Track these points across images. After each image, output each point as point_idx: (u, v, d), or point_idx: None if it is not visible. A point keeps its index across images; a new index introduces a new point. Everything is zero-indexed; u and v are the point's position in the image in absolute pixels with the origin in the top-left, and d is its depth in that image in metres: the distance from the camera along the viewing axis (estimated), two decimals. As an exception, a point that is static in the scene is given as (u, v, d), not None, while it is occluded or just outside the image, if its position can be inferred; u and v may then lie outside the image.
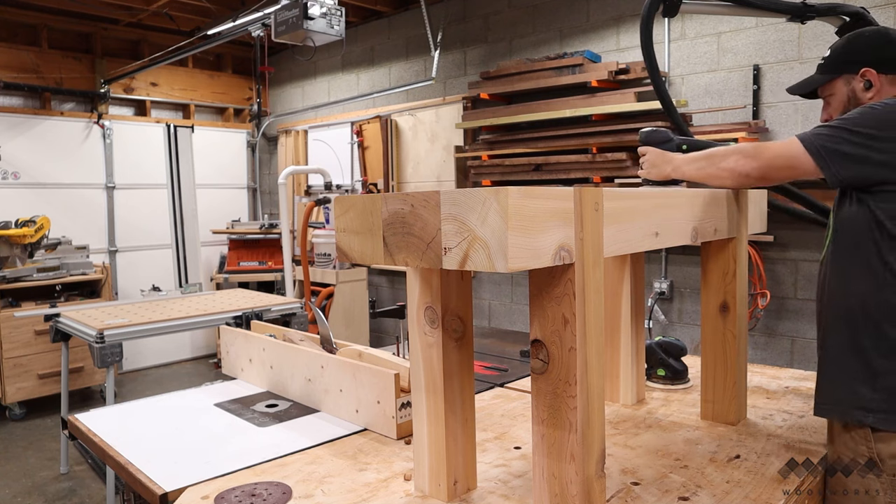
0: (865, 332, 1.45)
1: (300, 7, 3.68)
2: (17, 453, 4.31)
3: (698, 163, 1.59)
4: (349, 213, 1.17)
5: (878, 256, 1.43)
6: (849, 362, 1.48)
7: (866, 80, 1.59)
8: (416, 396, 1.31)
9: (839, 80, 1.64)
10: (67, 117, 6.07)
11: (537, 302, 1.11)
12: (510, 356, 2.48)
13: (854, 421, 1.45)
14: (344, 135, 6.33)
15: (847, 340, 1.48)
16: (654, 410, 1.82)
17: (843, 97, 1.65)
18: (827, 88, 1.67)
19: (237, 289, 4.92)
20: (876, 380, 1.43)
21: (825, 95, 1.69)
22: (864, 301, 1.45)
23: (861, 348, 1.45)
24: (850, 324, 1.48)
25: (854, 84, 1.61)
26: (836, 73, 1.64)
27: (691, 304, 4.14)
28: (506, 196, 0.93)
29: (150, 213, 6.46)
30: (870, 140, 1.40)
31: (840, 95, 1.65)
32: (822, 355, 1.57)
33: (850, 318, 1.47)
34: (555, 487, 1.12)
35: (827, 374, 1.54)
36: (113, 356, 3.22)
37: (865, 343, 1.45)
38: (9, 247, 4.90)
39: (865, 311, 1.45)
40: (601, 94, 4.22)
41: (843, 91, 1.64)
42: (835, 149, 1.42)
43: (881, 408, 1.42)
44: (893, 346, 1.42)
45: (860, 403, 1.44)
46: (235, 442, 1.63)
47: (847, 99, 1.63)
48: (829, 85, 1.67)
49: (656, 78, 2.32)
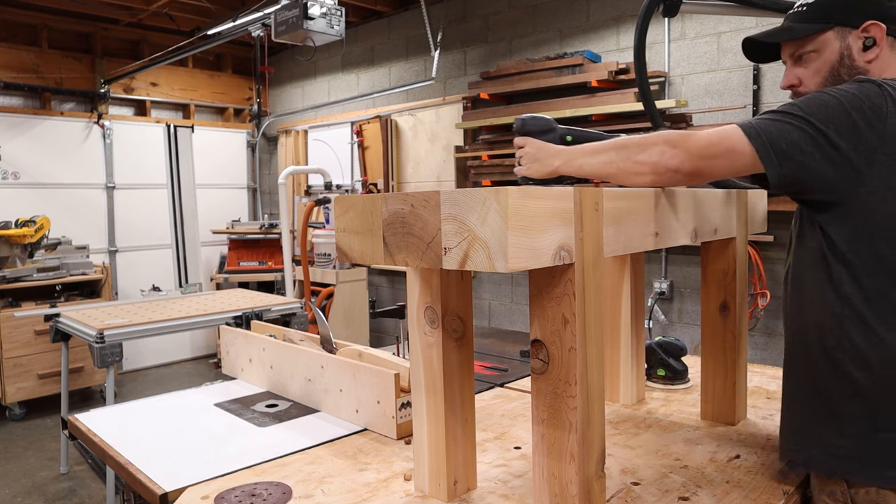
0: (826, 372, 1.22)
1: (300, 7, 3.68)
2: (17, 453, 4.31)
3: (604, 155, 1.26)
4: (349, 213, 1.17)
5: (833, 287, 1.19)
6: (811, 404, 1.26)
7: (869, 38, 1.24)
8: (416, 396, 1.31)
9: (830, 32, 1.27)
10: (67, 117, 6.07)
11: (537, 302, 1.11)
12: (510, 356, 2.48)
13: (824, 471, 1.25)
14: (344, 135, 6.33)
15: (807, 379, 1.27)
16: (654, 410, 1.82)
17: (833, 57, 1.28)
18: (809, 42, 1.29)
19: (237, 289, 4.92)
20: (840, 425, 1.21)
21: (805, 51, 1.31)
22: (822, 336, 1.22)
23: (822, 389, 1.23)
24: (809, 361, 1.26)
25: (851, 41, 1.26)
26: (828, 23, 1.27)
27: (691, 304, 4.14)
28: (506, 196, 0.93)
29: (150, 213, 6.46)
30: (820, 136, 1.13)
31: (829, 55, 1.28)
32: (784, 389, 1.35)
33: (809, 353, 1.25)
34: (555, 487, 1.12)
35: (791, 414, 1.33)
36: (113, 356, 3.22)
37: (827, 384, 1.22)
38: (9, 247, 4.90)
39: (824, 347, 1.22)
40: (601, 94, 4.22)
41: (833, 48, 1.27)
42: (780, 137, 1.14)
43: (852, 455, 1.20)
44: (858, 388, 1.18)
45: (829, 451, 1.22)
46: (235, 442, 1.63)
47: (837, 60, 1.27)
48: (812, 38, 1.29)
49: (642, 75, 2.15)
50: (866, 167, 1.12)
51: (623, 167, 1.24)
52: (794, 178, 1.16)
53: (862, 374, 1.17)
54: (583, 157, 1.30)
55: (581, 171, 1.31)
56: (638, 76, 2.15)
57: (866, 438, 1.18)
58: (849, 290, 1.17)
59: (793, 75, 1.35)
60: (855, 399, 1.18)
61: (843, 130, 1.12)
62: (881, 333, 1.16)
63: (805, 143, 1.13)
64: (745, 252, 1.71)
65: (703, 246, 1.70)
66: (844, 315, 1.18)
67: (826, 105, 1.14)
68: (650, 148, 1.21)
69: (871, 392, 1.17)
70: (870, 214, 1.14)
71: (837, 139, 1.12)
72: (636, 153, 1.22)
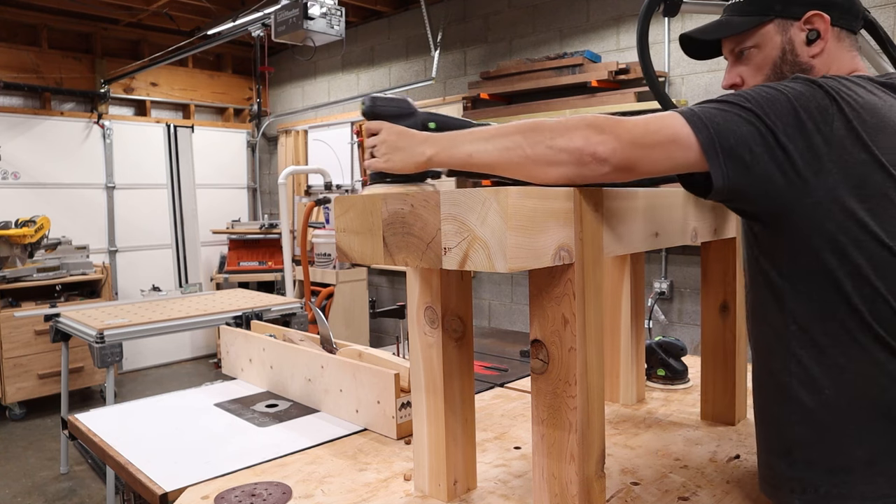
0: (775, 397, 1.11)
1: (300, 7, 3.68)
2: (17, 453, 4.31)
3: (505, 139, 1.03)
4: (349, 213, 1.17)
5: (777, 305, 1.08)
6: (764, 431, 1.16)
7: (812, 31, 1.14)
8: (416, 396, 1.31)
9: (770, 25, 1.17)
10: (67, 117, 6.07)
11: (537, 302, 1.11)
12: (510, 356, 2.48)
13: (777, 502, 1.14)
14: (344, 135, 6.33)
15: (760, 405, 1.17)
16: (654, 410, 1.82)
17: (774, 52, 1.17)
18: (749, 37, 1.19)
19: (237, 289, 4.92)
20: (791, 453, 1.09)
21: (745, 47, 1.20)
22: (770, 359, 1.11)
23: (771, 415, 1.13)
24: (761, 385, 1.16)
25: (793, 34, 1.16)
26: (767, 16, 1.16)
27: (691, 304, 4.14)
28: (506, 196, 0.93)
29: (150, 213, 6.46)
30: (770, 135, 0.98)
31: (769, 49, 1.17)
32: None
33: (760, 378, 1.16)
34: (555, 487, 1.12)
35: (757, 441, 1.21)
36: (113, 356, 3.22)
37: (774, 409, 1.11)
38: (9, 247, 4.90)
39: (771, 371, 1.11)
40: (601, 94, 4.22)
41: (775, 42, 1.17)
42: (729, 130, 0.99)
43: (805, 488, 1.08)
44: (806, 411, 1.06)
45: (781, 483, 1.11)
46: (235, 442, 1.63)
47: (779, 55, 1.17)
48: (752, 33, 1.18)
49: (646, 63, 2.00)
50: (813, 175, 0.98)
51: (532, 154, 1.01)
52: (738, 182, 1.00)
53: (811, 398, 1.06)
54: (471, 144, 1.06)
55: (468, 162, 1.07)
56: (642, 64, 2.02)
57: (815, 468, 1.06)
58: (793, 306, 1.06)
59: (735, 73, 1.23)
60: (804, 425, 1.07)
61: (791, 131, 0.98)
62: (831, 353, 1.04)
63: (754, 142, 0.98)
64: (745, 252, 1.71)
65: (703, 246, 1.70)
66: (792, 335, 1.06)
67: (774, 101, 1.00)
68: (571, 132, 0.99)
69: (821, 417, 1.05)
70: (816, 227, 1.01)
71: (786, 140, 0.98)
72: (551, 137, 1.00)
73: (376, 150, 1.18)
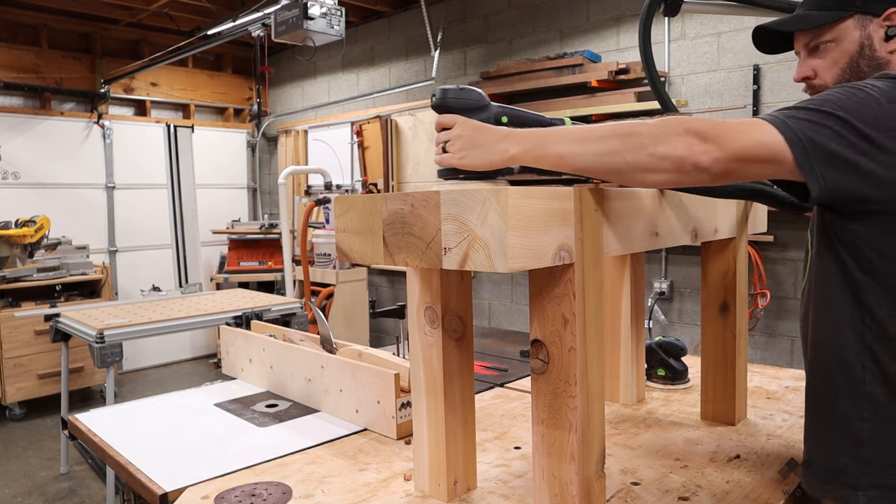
0: (845, 392, 1.11)
1: (300, 7, 3.68)
2: (17, 453, 4.31)
3: (601, 143, 1.02)
4: (349, 213, 1.17)
5: (854, 297, 1.09)
6: (828, 427, 1.16)
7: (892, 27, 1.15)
8: (416, 396, 1.31)
9: (850, 20, 1.17)
10: (67, 117, 6.07)
11: (537, 302, 1.11)
12: (510, 356, 2.48)
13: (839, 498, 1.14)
14: (344, 135, 6.33)
15: (825, 400, 1.17)
16: (654, 410, 1.82)
17: (853, 46, 1.17)
18: (827, 31, 1.19)
19: (237, 289, 4.92)
20: (860, 449, 1.10)
21: (822, 41, 1.21)
22: (841, 353, 1.11)
23: (840, 411, 1.13)
24: (827, 380, 1.15)
25: (872, 30, 1.16)
26: (847, 11, 1.17)
27: (691, 304, 4.14)
28: (506, 196, 0.93)
29: (150, 213, 6.46)
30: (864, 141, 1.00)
31: (847, 44, 1.17)
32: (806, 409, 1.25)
33: (827, 372, 1.15)
34: (555, 487, 1.12)
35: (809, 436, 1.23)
36: (113, 356, 3.22)
37: (844, 405, 1.11)
38: (9, 247, 4.90)
39: (842, 364, 1.11)
40: (601, 94, 4.22)
41: (853, 37, 1.17)
42: (822, 144, 1.00)
43: (871, 483, 1.09)
44: (877, 408, 1.07)
45: (845, 479, 1.11)
46: (235, 442, 1.63)
47: (857, 50, 1.17)
48: (831, 27, 1.19)
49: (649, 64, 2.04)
50: None
51: (632, 161, 1.00)
52: (835, 189, 1.01)
53: (886, 394, 1.07)
54: (562, 145, 1.04)
55: (559, 163, 1.05)
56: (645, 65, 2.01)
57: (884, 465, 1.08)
58: (872, 301, 1.07)
59: (807, 67, 1.23)
60: (875, 422, 1.08)
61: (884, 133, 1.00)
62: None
63: (849, 151, 1.00)
64: (745, 252, 1.71)
65: (703, 246, 1.70)
66: (868, 329, 1.07)
67: (865, 105, 1.01)
68: (672, 139, 0.99)
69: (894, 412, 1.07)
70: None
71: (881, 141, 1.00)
72: (652, 144, 0.99)
73: (450, 146, 1.12)
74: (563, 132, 1.06)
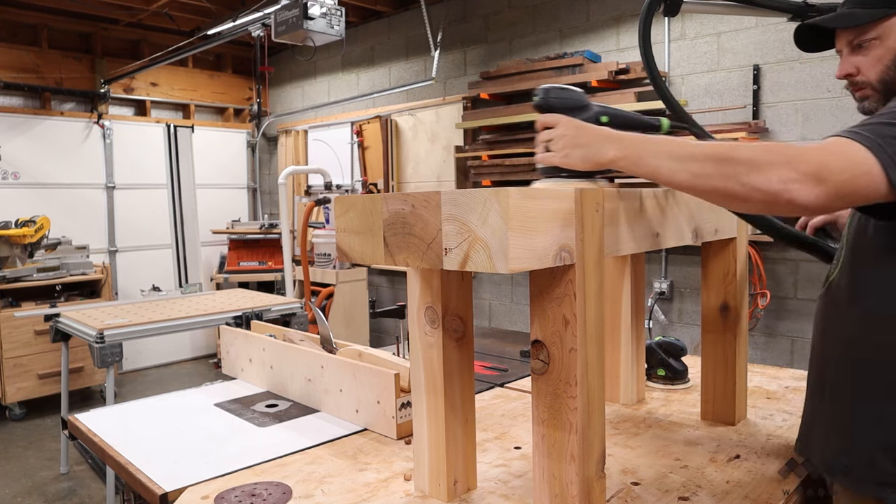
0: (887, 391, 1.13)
1: (300, 7, 3.68)
2: (17, 453, 4.31)
3: (694, 164, 1.02)
4: (349, 213, 1.17)
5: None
6: (865, 424, 1.16)
7: None
8: (416, 396, 1.31)
9: (894, 18, 1.16)
10: (67, 117, 6.07)
11: (538, 302, 1.11)
12: (510, 356, 2.48)
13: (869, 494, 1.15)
14: (344, 135, 6.33)
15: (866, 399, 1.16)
16: (654, 410, 1.82)
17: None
18: (871, 29, 1.18)
19: (237, 289, 4.92)
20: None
21: (865, 38, 1.19)
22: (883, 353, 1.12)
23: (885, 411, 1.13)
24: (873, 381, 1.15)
25: None
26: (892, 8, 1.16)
27: (691, 304, 4.14)
28: (506, 197, 0.93)
29: (150, 213, 6.46)
30: None
31: (892, 41, 1.17)
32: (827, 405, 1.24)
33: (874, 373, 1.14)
34: (555, 488, 1.12)
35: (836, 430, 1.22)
36: (113, 356, 3.22)
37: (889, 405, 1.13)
38: (9, 247, 4.90)
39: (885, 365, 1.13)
40: (601, 94, 4.22)
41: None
42: None
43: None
44: None
45: (878, 477, 1.13)
46: (235, 442, 1.63)
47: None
48: (875, 25, 1.17)
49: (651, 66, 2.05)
50: None
51: (722, 188, 0.99)
52: None
53: None
54: (659, 159, 1.04)
55: (653, 175, 1.06)
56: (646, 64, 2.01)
57: None
58: None
59: (850, 64, 1.22)
60: None
61: None
62: None
63: None
64: (746, 252, 1.71)
65: (703, 246, 1.70)
66: None
67: None
68: (768, 170, 0.96)
69: None
70: None
71: None
72: (746, 172, 0.97)
73: (553, 145, 1.13)
74: (664, 145, 1.06)
